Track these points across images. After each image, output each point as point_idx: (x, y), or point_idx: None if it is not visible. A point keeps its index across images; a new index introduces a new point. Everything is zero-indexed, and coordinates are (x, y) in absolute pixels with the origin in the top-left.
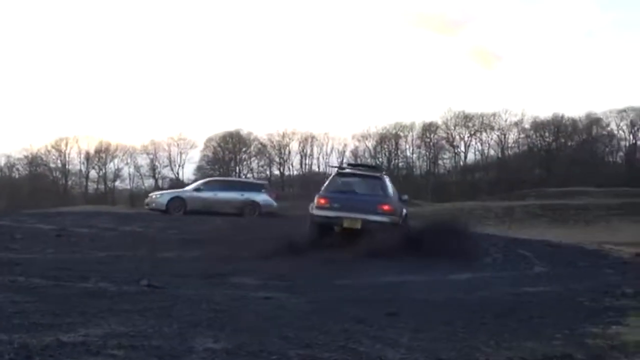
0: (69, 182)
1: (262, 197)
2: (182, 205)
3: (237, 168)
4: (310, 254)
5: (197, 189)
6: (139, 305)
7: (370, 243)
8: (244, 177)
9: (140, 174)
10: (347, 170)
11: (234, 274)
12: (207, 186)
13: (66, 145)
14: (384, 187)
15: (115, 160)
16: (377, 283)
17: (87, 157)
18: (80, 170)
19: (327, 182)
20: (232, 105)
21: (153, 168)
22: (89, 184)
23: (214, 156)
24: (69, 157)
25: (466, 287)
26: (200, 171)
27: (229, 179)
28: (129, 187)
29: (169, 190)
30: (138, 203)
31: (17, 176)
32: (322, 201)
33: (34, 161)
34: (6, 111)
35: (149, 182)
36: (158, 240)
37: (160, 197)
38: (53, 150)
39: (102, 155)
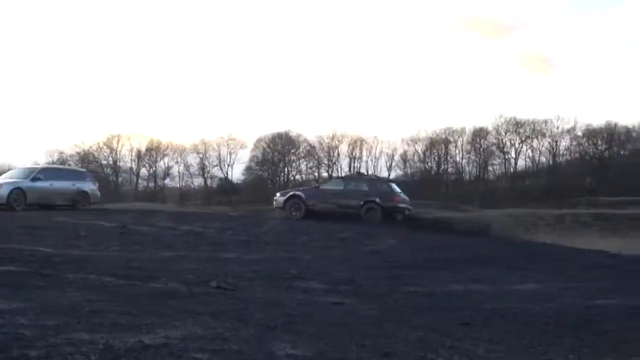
0: (120, 179)
1: (90, 187)
2: (24, 198)
3: (286, 169)
4: None
5: (35, 179)
6: (211, 308)
7: None
8: (293, 179)
9: (190, 173)
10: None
11: (300, 277)
12: (45, 175)
13: (118, 142)
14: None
15: (166, 159)
16: (445, 291)
17: (139, 155)
18: (131, 168)
19: None
20: (282, 107)
21: (203, 167)
22: (140, 181)
23: (263, 157)
24: (120, 155)
25: (534, 298)
26: (249, 172)
27: (62, 167)
28: (178, 185)
29: (4, 179)
30: (187, 202)
31: None
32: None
33: (86, 158)
34: (59, 108)
35: (198, 181)
36: (219, 242)
37: None
38: (105, 147)
39: (153, 153)
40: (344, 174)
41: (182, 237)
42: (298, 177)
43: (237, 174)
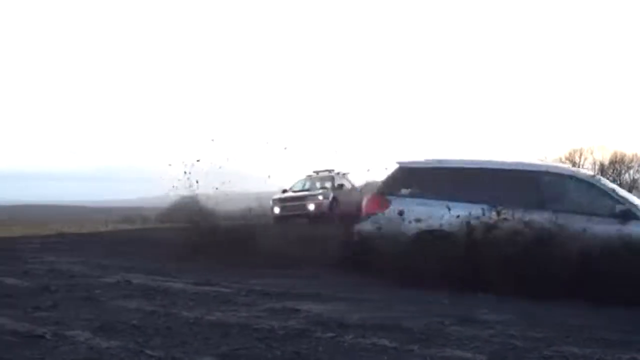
0: None
1: None
2: None
3: None
4: None
5: None
6: None
7: None
8: None
9: None
10: None
11: None
12: None
13: (580, 156)
14: None
15: (631, 171)
16: None
17: (601, 168)
18: None
19: None
20: None
21: None
22: None
23: None
24: (583, 168)
25: None
26: None
27: None
28: None
29: None
30: None
31: None
32: None
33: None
34: (522, 122)
35: None
36: None
37: None
38: (567, 161)
39: (616, 166)
40: None
41: None
42: None
43: None
